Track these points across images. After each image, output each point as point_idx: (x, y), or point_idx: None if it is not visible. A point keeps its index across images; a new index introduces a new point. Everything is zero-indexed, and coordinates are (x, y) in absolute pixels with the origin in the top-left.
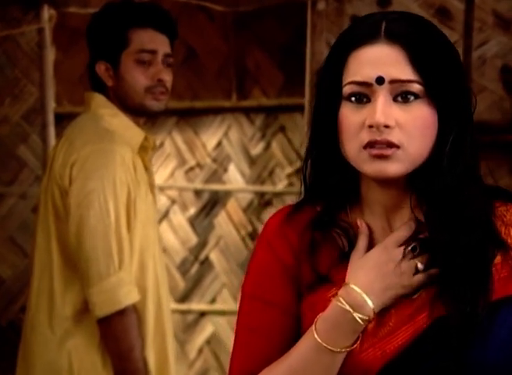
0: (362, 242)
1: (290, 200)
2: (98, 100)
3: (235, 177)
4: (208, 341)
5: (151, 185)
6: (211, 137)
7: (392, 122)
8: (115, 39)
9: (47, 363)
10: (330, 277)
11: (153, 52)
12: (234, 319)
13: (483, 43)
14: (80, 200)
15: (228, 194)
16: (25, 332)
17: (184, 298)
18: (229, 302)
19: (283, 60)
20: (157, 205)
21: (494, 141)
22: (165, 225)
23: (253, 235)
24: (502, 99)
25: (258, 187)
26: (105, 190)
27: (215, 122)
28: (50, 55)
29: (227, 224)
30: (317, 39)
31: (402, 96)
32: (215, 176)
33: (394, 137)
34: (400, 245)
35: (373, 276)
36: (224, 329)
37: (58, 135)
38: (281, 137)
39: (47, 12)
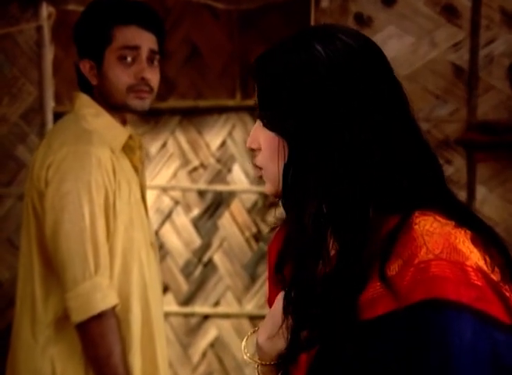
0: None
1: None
2: (82, 100)
3: (239, 178)
4: (212, 345)
5: (142, 185)
6: (215, 136)
7: (254, 145)
8: (98, 36)
9: (31, 370)
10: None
11: (136, 48)
12: (238, 322)
13: (490, 41)
14: (55, 203)
15: (232, 194)
16: (11, 338)
17: (187, 300)
18: (233, 305)
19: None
20: (147, 206)
21: (500, 142)
22: (168, 226)
23: (257, 236)
24: (509, 98)
25: (263, 188)
26: (80, 192)
27: (219, 121)
28: (49, 53)
29: (231, 225)
30: None
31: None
32: (219, 176)
33: (258, 160)
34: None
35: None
36: (228, 332)
37: None
38: None
39: (45, 10)
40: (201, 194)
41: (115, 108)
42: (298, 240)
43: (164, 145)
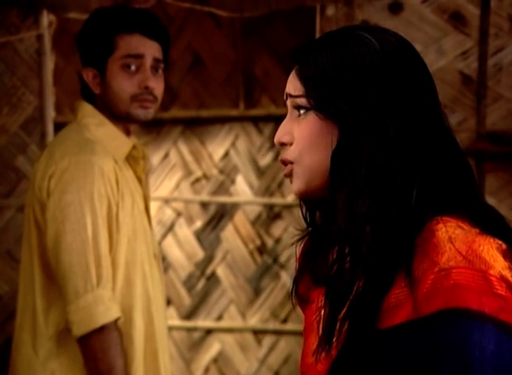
0: None
1: (300, 213)
2: (85, 109)
3: (243, 189)
4: (215, 360)
5: (146, 197)
6: (217, 147)
7: (287, 139)
8: (101, 45)
9: None
10: (306, 298)
11: (139, 57)
12: (242, 336)
13: (499, 49)
14: (57, 214)
15: (235, 206)
16: (12, 351)
17: (190, 314)
18: (236, 319)
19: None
20: (151, 217)
21: (510, 152)
22: (170, 239)
23: (261, 249)
24: None
25: (267, 200)
26: (82, 203)
27: (221, 131)
28: (49, 62)
29: (234, 238)
30: None
31: (297, 109)
32: (222, 187)
33: (288, 154)
34: None
35: None
36: (231, 347)
37: None
38: None
39: (46, 18)
40: (204, 205)
41: (119, 117)
42: (353, 232)
43: (166, 156)
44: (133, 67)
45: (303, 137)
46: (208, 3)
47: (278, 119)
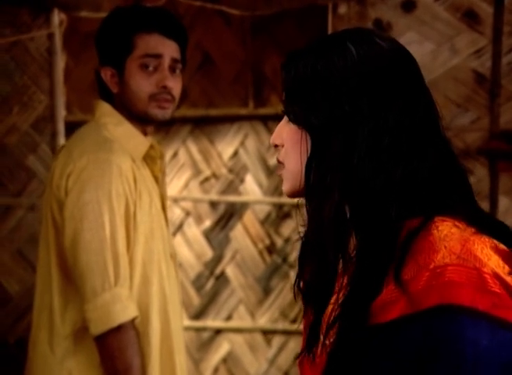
0: None
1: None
2: (103, 108)
3: (252, 188)
4: (224, 360)
5: (163, 196)
6: (227, 146)
7: (278, 141)
8: (120, 44)
9: None
10: None
11: (158, 57)
12: (251, 336)
13: None
14: (75, 212)
15: (245, 205)
16: (29, 350)
17: (199, 314)
18: (245, 319)
19: None
20: (168, 217)
21: None
22: (179, 238)
23: (271, 249)
24: None
25: (276, 199)
26: (100, 201)
27: (231, 130)
28: (60, 61)
29: (244, 237)
30: None
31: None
32: (232, 187)
33: (280, 155)
34: None
35: None
36: (241, 347)
37: None
38: None
39: (57, 17)
40: (213, 205)
41: (136, 117)
42: (318, 236)
43: (175, 155)
44: (151, 67)
45: (286, 141)
46: (220, 1)
47: None
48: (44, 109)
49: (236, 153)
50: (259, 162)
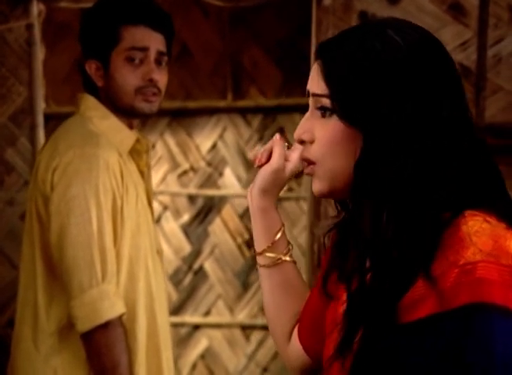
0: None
1: (289, 206)
2: (88, 102)
3: (231, 182)
4: (203, 356)
5: (148, 191)
6: (205, 139)
7: (307, 137)
8: (105, 36)
9: None
10: (334, 294)
11: (144, 50)
12: (230, 332)
13: (499, 40)
14: (61, 207)
15: (223, 199)
16: (12, 346)
17: (177, 310)
18: (224, 314)
19: (282, 57)
20: (153, 211)
21: (509, 145)
22: (156, 232)
23: (250, 243)
24: None
25: None
26: (87, 196)
27: (209, 123)
28: (39, 52)
29: (222, 232)
30: (322, 36)
31: (320, 110)
32: (210, 180)
33: (310, 153)
34: None
35: None
36: (219, 342)
37: (48, 137)
38: None
39: (36, 7)
40: (191, 198)
41: (122, 110)
42: (377, 235)
43: (152, 148)
44: (137, 60)
45: (325, 140)
46: None
47: (266, 111)
48: (22, 102)
49: (214, 146)
50: (238, 156)
